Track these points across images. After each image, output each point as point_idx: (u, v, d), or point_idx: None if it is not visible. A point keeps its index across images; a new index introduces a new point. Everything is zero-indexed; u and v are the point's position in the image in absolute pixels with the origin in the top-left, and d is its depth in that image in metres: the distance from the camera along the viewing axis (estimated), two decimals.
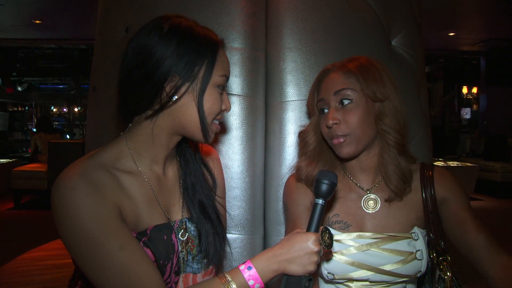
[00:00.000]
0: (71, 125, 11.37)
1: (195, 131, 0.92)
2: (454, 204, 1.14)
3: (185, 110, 0.90)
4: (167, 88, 0.87)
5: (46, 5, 5.64)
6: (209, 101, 0.91)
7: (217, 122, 0.97)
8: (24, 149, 10.30)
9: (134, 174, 0.92)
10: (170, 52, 0.86)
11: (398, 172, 1.11)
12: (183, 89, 0.88)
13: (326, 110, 1.11)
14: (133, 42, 0.90)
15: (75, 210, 0.79)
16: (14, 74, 9.74)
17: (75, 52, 9.09)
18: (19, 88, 10.46)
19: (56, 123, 11.19)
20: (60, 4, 5.54)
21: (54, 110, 12.21)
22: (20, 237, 4.35)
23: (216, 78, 0.91)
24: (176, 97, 0.88)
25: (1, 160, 6.69)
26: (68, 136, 10.30)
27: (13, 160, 6.89)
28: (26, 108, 11.82)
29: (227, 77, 0.95)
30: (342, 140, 1.07)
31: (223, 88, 0.95)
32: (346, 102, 1.06)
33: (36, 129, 6.93)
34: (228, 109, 0.98)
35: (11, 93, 10.88)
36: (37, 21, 6.42)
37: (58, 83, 11.06)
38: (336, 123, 1.06)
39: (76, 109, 11.76)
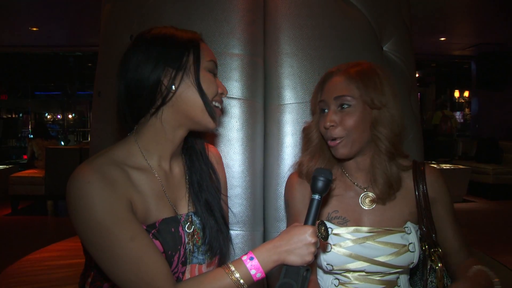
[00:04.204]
0: (65, 132, 11.32)
1: (201, 115, 0.98)
2: (439, 206, 1.20)
3: (185, 97, 0.96)
4: (165, 81, 0.95)
5: (43, 13, 5.67)
6: (205, 82, 0.98)
7: (217, 105, 1.03)
8: (18, 156, 10.19)
9: (144, 170, 0.98)
10: (157, 53, 0.94)
11: (385, 177, 1.16)
12: (178, 78, 0.95)
13: (326, 111, 1.17)
14: (124, 59, 0.98)
15: (90, 202, 0.85)
16: (8, 81, 9.69)
17: (70, 58, 9.10)
18: (13, 95, 10.41)
19: (50, 129, 11.12)
20: (57, 11, 5.57)
21: (48, 116, 12.15)
22: (18, 242, 4.33)
23: (205, 63, 0.99)
24: (174, 86, 0.95)
25: None
26: (62, 143, 10.25)
27: (9, 166, 6.84)
28: (20, 114, 11.74)
29: (215, 63, 1.03)
30: (338, 142, 1.13)
31: (214, 74, 1.03)
32: (344, 106, 1.12)
33: (33, 135, 6.90)
34: (225, 92, 1.05)
35: (5, 100, 10.82)
36: (34, 29, 6.44)
37: (52, 89, 11.01)
38: (332, 125, 1.12)
39: (70, 116, 11.70)
